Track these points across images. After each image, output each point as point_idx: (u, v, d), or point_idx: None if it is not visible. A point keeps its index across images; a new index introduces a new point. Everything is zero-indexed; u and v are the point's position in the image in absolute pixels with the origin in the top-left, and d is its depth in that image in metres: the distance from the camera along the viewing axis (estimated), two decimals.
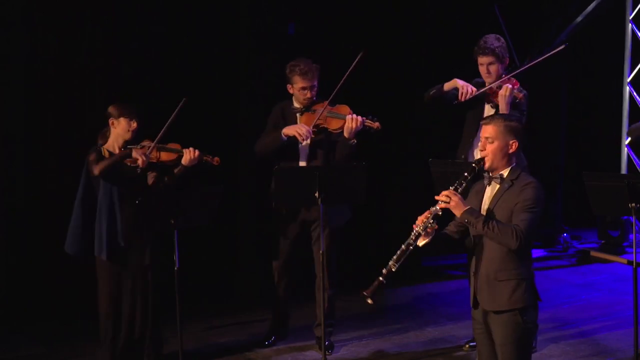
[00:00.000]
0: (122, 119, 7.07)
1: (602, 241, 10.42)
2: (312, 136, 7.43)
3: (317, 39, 9.34)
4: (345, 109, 7.48)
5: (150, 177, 7.13)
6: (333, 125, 7.45)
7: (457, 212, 5.46)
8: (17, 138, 8.42)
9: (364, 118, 7.38)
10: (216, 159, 7.12)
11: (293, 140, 7.47)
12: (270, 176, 7.46)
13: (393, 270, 5.58)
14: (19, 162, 8.44)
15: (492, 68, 7.51)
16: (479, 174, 5.59)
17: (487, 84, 7.56)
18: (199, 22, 8.92)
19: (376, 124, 7.41)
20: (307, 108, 7.54)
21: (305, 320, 8.00)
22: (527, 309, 5.43)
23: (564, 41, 9.06)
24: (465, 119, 7.67)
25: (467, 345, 7.67)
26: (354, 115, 7.37)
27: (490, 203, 5.50)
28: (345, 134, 7.38)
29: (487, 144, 5.50)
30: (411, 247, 5.55)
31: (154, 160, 7.05)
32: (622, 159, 10.65)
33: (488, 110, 7.59)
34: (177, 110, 7.04)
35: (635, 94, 10.56)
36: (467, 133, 7.66)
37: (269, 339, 7.83)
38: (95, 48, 8.54)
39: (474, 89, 7.51)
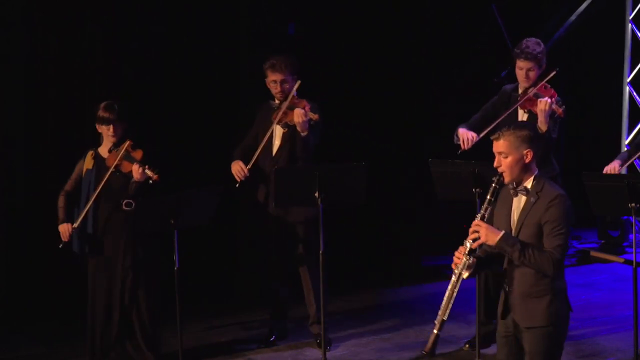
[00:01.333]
0: (102, 126, 7.12)
1: (602, 241, 10.42)
2: (246, 174, 7.51)
3: (317, 39, 9.35)
4: (302, 102, 7.55)
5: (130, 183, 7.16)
6: (290, 117, 7.52)
7: (491, 243, 5.34)
8: (17, 138, 8.42)
9: (307, 110, 7.46)
10: (155, 176, 7.00)
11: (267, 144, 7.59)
12: (254, 175, 7.58)
13: (445, 319, 5.47)
14: (19, 162, 8.44)
15: (532, 74, 7.48)
16: (481, 173, 5.53)
17: (520, 88, 7.54)
18: (199, 22, 8.92)
19: (315, 116, 7.46)
20: (281, 104, 7.62)
21: (304, 318, 8.00)
22: (561, 322, 5.40)
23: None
24: (498, 122, 7.56)
25: (466, 346, 7.66)
26: (299, 110, 7.42)
27: (519, 219, 5.41)
28: (298, 128, 7.46)
29: (502, 159, 5.40)
30: (455, 291, 5.44)
31: (125, 171, 7.09)
32: None
33: (522, 116, 7.57)
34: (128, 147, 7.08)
35: (635, 94, 10.55)
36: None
37: (270, 338, 7.85)
38: (95, 48, 8.54)
39: (475, 135, 7.46)
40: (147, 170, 6.97)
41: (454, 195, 7.29)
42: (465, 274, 5.43)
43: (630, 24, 10.57)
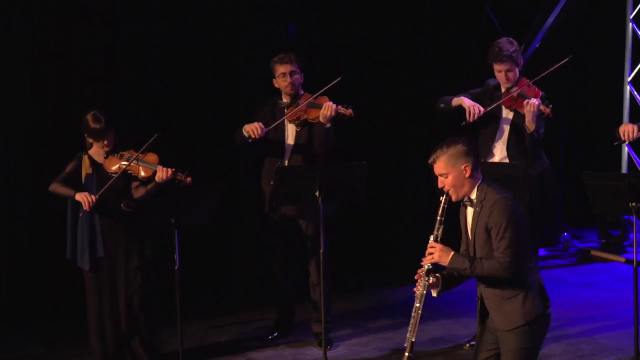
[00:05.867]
0: (93, 141, 7.07)
1: (603, 240, 10.42)
2: (262, 134, 7.50)
3: (317, 39, 9.34)
4: (324, 99, 7.58)
5: (134, 186, 7.11)
6: (312, 115, 7.57)
7: (444, 264, 5.45)
8: (17, 138, 8.42)
9: (339, 106, 7.47)
10: (189, 178, 6.98)
11: (277, 138, 7.62)
12: (259, 174, 7.62)
13: (413, 340, 5.54)
14: (19, 163, 8.43)
15: (511, 74, 7.49)
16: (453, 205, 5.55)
17: (503, 88, 7.55)
18: (199, 23, 8.92)
19: (349, 111, 7.51)
20: (293, 102, 7.62)
21: (306, 317, 8.01)
22: (539, 317, 5.41)
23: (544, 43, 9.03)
24: (480, 123, 7.58)
25: (467, 345, 7.67)
26: (330, 103, 7.47)
27: (471, 229, 5.48)
28: (321, 119, 7.49)
29: (443, 179, 5.44)
30: (420, 312, 5.53)
31: (134, 174, 7.03)
32: (622, 159, 10.64)
33: (507, 114, 7.56)
34: (148, 143, 6.97)
35: (635, 93, 10.55)
36: (485, 137, 7.63)
37: (272, 334, 7.88)
38: (95, 48, 8.54)
39: (482, 108, 7.46)
40: (178, 175, 6.93)
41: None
42: (433, 293, 5.54)
43: (630, 24, 10.57)
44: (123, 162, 6.98)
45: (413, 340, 5.54)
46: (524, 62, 7.75)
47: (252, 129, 7.53)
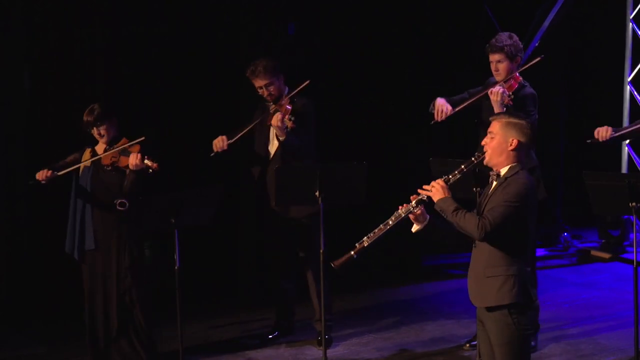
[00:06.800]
0: (91, 132, 7.15)
1: (603, 240, 10.42)
2: (225, 148, 7.54)
3: (317, 39, 9.34)
4: (284, 107, 7.58)
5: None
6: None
7: (435, 199, 5.46)
8: (17, 138, 8.42)
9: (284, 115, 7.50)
10: (155, 164, 6.99)
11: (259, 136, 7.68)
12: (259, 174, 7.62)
13: (365, 246, 5.54)
14: (19, 163, 8.44)
15: (501, 66, 7.46)
16: (484, 172, 5.55)
17: (497, 82, 7.55)
18: (199, 23, 8.92)
19: (290, 124, 7.49)
20: (275, 102, 7.66)
21: (306, 316, 8.01)
22: (517, 308, 5.37)
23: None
24: (480, 120, 7.58)
25: (467, 345, 7.67)
26: (280, 114, 7.48)
27: (485, 200, 5.48)
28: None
29: (489, 139, 5.48)
30: (388, 227, 5.53)
31: (122, 166, 7.07)
32: (622, 159, 10.64)
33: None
34: (137, 140, 7.06)
35: (635, 93, 10.55)
36: (483, 136, 7.61)
37: (272, 334, 7.88)
38: (95, 48, 8.54)
39: (450, 108, 7.44)
40: (146, 160, 6.98)
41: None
42: (415, 227, 5.56)
43: (630, 24, 10.57)
44: (113, 155, 7.05)
45: (365, 245, 5.54)
46: (522, 61, 7.72)
47: (215, 143, 7.58)
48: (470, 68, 9.79)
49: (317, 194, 7.16)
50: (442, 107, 7.45)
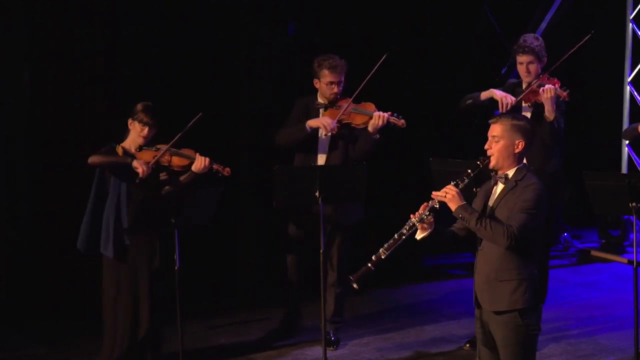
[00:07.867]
0: (136, 123, 7.07)
1: (603, 241, 10.42)
2: (335, 131, 7.47)
3: (317, 39, 9.34)
4: (370, 106, 7.58)
5: (162, 177, 7.12)
6: (357, 120, 7.53)
7: (452, 207, 5.42)
8: (17, 138, 8.42)
9: (389, 115, 7.44)
10: (227, 169, 7.07)
11: (314, 133, 7.55)
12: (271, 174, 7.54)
13: (382, 258, 5.52)
14: (19, 163, 8.43)
15: (532, 67, 7.52)
16: (483, 172, 5.55)
17: (524, 84, 7.57)
18: (199, 23, 8.92)
19: (401, 122, 7.50)
20: (332, 104, 7.60)
21: (307, 317, 8.01)
22: (527, 311, 5.39)
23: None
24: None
25: (467, 345, 7.67)
26: (380, 113, 7.43)
27: (494, 203, 5.47)
28: (370, 129, 7.46)
29: (493, 142, 5.46)
30: (403, 237, 5.49)
31: (165, 164, 7.04)
32: (622, 159, 10.64)
33: (525, 110, 7.57)
34: (191, 122, 7.04)
35: (635, 93, 10.55)
36: None
37: (277, 335, 7.92)
38: (95, 48, 8.54)
39: (514, 98, 7.47)
40: (214, 166, 6.99)
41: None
42: (420, 234, 5.49)
43: (630, 24, 10.57)
44: (159, 153, 6.97)
45: (382, 257, 5.51)
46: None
47: (324, 124, 7.44)
48: (470, 68, 9.81)
49: (317, 194, 7.16)
50: (505, 97, 7.45)
